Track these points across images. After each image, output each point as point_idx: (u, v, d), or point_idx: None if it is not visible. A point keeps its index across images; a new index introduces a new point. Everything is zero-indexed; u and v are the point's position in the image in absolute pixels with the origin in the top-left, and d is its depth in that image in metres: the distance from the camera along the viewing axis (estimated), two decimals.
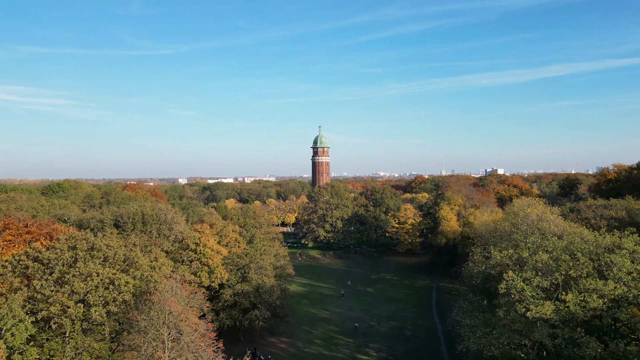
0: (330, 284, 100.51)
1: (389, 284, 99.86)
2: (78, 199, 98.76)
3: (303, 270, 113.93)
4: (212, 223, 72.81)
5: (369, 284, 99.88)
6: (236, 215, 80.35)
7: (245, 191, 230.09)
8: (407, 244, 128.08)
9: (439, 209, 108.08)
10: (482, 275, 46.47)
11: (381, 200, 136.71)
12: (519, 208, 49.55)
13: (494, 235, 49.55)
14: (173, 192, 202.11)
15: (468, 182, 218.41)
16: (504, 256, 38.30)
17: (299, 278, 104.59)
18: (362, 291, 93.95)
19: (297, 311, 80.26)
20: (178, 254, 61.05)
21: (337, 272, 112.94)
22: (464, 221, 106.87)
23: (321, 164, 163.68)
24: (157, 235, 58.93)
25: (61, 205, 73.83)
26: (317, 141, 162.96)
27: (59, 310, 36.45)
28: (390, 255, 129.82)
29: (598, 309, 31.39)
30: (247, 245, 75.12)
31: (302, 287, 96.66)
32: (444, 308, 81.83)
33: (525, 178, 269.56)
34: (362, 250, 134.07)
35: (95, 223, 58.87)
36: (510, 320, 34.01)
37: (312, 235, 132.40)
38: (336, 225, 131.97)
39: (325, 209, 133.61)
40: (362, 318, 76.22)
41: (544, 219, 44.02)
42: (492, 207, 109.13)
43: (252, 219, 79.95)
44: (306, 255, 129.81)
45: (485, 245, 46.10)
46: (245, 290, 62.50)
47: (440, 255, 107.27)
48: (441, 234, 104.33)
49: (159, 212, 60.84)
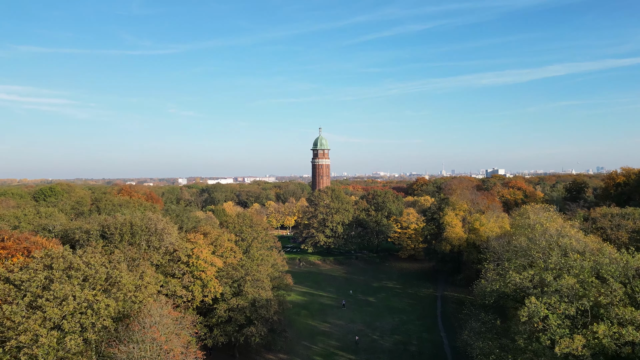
0: (330, 292, 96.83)
1: (392, 293, 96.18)
2: (68, 204, 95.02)
3: (302, 277, 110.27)
4: (206, 232, 69.19)
5: (370, 293, 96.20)
6: (232, 223, 76.64)
7: (244, 193, 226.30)
8: (410, 249, 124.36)
9: (443, 214, 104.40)
10: (495, 294, 42.77)
11: (383, 204, 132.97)
12: (535, 220, 45.81)
13: (508, 249, 45.78)
14: (170, 195, 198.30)
15: (470, 184, 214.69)
16: (524, 278, 34.59)
17: (298, 286, 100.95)
18: (363, 301, 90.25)
19: (296, 323, 76.61)
20: (169, 267, 57.40)
21: (337, 279, 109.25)
22: (470, 227, 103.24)
23: (321, 166, 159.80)
24: (146, 247, 55.24)
25: (47, 213, 70.12)
26: (317, 143, 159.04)
27: (30, 339, 32.82)
28: (393, 261, 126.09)
29: (636, 343, 27.69)
30: (243, 255, 71.48)
31: (301, 297, 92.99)
32: (450, 320, 78.15)
33: (528, 180, 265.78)
34: (364, 256, 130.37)
35: (81, 234, 55.17)
36: (533, 353, 30.34)
37: (312, 241, 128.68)
38: (337, 230, 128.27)
39: (326, 213, 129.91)
40: (364, 331, 72.55)
41: (563, 234, 40.32)
42: (497, 212, 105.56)
43: (249, 227, 76.25)
44: (306, 261, 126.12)
45: (499, 261, 42.38)
46: (241, 305, 58.82)
47: (445, 262, 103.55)
48: (445, 240, 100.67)
49: (148, 223, 57.11)
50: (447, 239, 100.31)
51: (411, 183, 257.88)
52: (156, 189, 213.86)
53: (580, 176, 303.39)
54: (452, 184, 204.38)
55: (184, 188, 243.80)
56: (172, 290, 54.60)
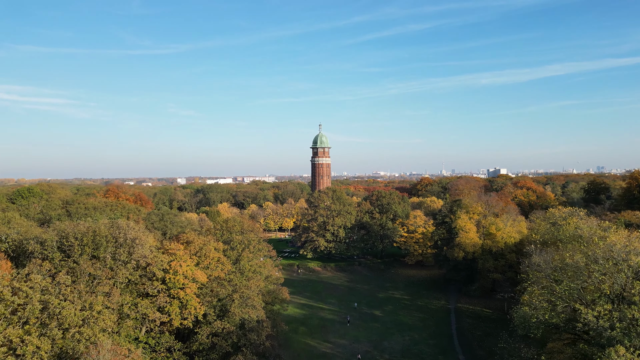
0: (332, 304, 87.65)
1: (400, 305, 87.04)
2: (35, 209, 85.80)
3: (301, 286, 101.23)
4: (189, 240, 60.07)
5: (376, 305, 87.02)
6: (220, 230, 67.48)
7: (240, 194, 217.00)
8: (417, 255, 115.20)
9: (455, 218, 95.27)
10: (543, 325, 33.62)
11: (388, 206, 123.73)
12: (590, 232, 36.75)
13: (554, 266, 36.55)
14: (163, 196, 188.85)
15: (477, 184, 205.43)
16: (602, 316, 25.45)
17: (296, 297, 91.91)
18: (369, 315, 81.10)
19: (293, 343, 67.53)
20: (141, 284, 48.30)
21: (339, 288, 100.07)
22: (485, 232, 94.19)
23: (321, 165, 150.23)
24: (112, 261, 46.09)
25: (6, 219, 60.97)
26: (317, 141, 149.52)
27: None
28: (399, 268, 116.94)
29: None
30: (232, 267, 62.45)
31: (299, 310, 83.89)
32: (467, 339, 69.10)
33: (535, 179, 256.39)
34: (367, 262, 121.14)
35: (35, 246, 46.04)
36: None
37: (312, 245, 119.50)
38: (338, 234, 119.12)
39: (326, 216, 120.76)
40: (371, 354, 63.43)
41: (634, 250, 31.24)
42: (513, 215, 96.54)
43: (239, 233, 67.10)
44: (305, 268, 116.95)
45: (550, 286, 33.27)
46: (227, 328, 49.78)
47: (457, 270, 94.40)
48: (458, 246, 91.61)
49: (116, 231, 48.01)
50: (460, 244, 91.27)
51: (415, 183, 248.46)
52: (149, 190, 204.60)
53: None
54: (459, 185, 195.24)
55: (178, 188, 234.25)
56: (142, 313, 45.53)
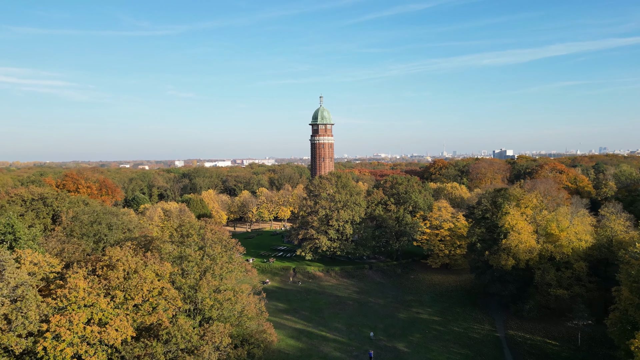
0: (338, 332, 64.87)
1: (430, 333, 64.32)
2: None
3: (298, 300, 78.64)
4: (111, 263, 36.87)
5: (399, 333, 64.28)
6: (168, 242, 43.99)
7: (232, 179, 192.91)
8: (443, 256, 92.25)
9: (502, 213, 71.76)
10: None
11: (406, 195, 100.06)
12: None
13: None
14: (140, 182, 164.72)
15: (500, 167, 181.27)
16: None
17: (290, 317, 69.63)
18: (390, 351, 58.31)
19: None
20: None
21: (347, 304, 77.24)
22: (542, 231, 70.91)
23: (322, 145, 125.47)
24: None
25: None
26: (318, 116, 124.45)
27: None
28: (420, 272, 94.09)
29: None
30: (185, 303, 39.51)
31: (294, 340, 61.30)
32: None
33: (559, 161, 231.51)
34: (380, 264, 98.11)
35: None
36: None
37: (311, 245, 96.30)
38: (344, 230, 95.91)
39: (329, 208, 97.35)
40: None
41: None
42: (578, 208, 73.18)
43: (199, 248, 43.75)
44: (303, 273, 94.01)
45: None
46: None
47: (504, 282, 71.30)
48: (506, 251, 68.60)
49: None
50: (509, 249, 68.27)
51: (426, 166, 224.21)
52: (123, 175, 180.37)
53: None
54: (480, 168, 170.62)
55: (160, 172, 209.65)
56: None
